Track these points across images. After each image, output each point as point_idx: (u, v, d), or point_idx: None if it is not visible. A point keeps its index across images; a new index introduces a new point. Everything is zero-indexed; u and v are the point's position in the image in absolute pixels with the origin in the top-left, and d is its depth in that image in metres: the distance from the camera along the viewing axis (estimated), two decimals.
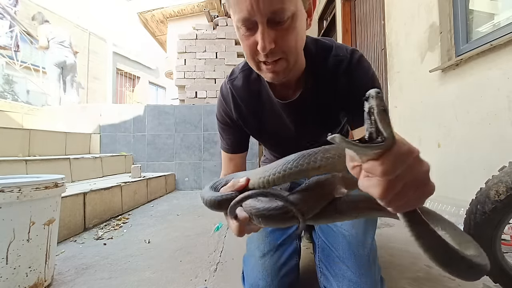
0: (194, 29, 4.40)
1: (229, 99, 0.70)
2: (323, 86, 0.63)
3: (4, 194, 0.79)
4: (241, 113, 0.70)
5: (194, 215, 2.01)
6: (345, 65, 0.62)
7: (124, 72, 9.80)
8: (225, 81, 0.72)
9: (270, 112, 0.69)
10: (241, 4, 0.45)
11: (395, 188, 0.25)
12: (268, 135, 0.75)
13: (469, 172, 1.42)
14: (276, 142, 0.78)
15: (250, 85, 0.68)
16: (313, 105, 0.65)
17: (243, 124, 0.72)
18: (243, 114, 0.71)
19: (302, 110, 0.66)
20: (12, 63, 4.57)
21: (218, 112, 0.75)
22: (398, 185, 0.25)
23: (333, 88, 0.63)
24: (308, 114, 0.67)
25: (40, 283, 0.89)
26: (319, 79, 0.63)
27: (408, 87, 1.94)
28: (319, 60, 0.62)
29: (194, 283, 0.96)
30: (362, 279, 0.55)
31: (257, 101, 0.69)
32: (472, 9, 1.53)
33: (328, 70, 0.62)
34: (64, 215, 1.43)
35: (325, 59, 0.62)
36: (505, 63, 1.21)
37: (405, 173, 0.24)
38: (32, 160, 1.89)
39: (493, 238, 0.70)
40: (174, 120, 3.33)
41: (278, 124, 0.71)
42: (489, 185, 0.68)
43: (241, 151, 0.78)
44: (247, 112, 0.70)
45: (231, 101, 0.70)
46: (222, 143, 0.78)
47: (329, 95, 0.64)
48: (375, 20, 2.59)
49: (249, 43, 0.50)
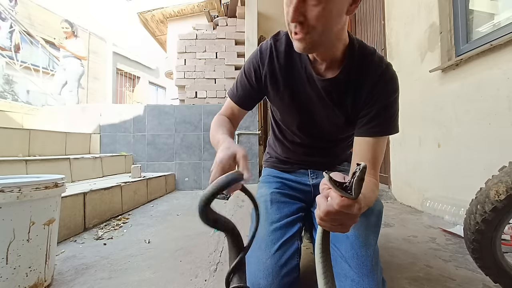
0: (194, 29, 4.40)
1: (266, 54, 0.71)
2: (355, 81, 0.65)
3: (4, 194, 0.79)
4: (273, 72, 0.71)
5: (194, 215, 2.01)
6: (378, 74, 0.64)
7: (124, 72, 9.80)
8: (269, 38, 0.73)
9: (299, 81, 0.70)
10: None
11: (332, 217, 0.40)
12: (288, 103, 0.75)
13: (469, 172, 1.42)
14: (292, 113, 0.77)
15: (290, 49, 0.69)
16: (341, 92, 0.67)
17: (269, 85, 0.73)
18: (274, 74, 0.71)
19: (329, 91, 0.67)
20: (12, 63, 4.57)
21: (248, 63, 0.75)
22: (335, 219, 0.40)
23: (361, 88, 0.65)
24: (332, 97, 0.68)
25: (40, 283, 0.89)
26: (353, 73, 0.65)
27: (408, 87, 1.94)
28: (359, 56, 0.64)
29: (194, 283, 0.96)
30: (365, 280, 0.55)
31: (291, 66, 0.70)
32: (472, 9, 1.53)
33: (363, 70, 0.64)
34: (64, 215, 1.43)
35: (364, 58, 0.64)
36: (505, 63, 1.21)
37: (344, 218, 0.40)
38: (32, 160, 1.89)
39: (493, 238, 0.70)
40: (174, 120, 3.33)
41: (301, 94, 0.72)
42: (489, 185, 0.67)
43: (245, 108, 0.79)
44: (279, 74, 0.71)
45: (267, 57, 0.71)
46: (233, 93, 0.78)
47: (355, 92, 0.66)
48: (375, 20, 2.59)
49: (287, 10, 0.52)
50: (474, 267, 0.88)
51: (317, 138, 0.80)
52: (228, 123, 0.75)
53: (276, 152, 0.93)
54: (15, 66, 4.59)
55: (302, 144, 0.83)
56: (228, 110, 0.79)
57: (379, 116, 0.64)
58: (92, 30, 8.56)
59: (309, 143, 0.82)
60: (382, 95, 0.63)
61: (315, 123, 0.75)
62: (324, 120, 0.74)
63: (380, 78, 0.63)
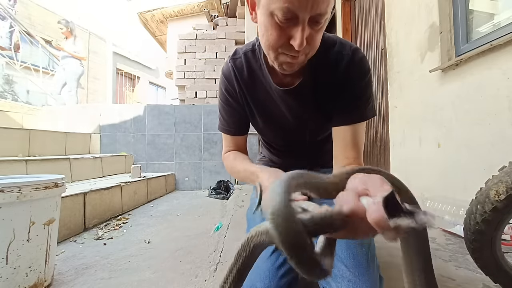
0: (194, 29, 4.40)
1: (232, 77, 0.70)
2: (322, 79, 0.64)
3: (4, 194, 0.79)
4: (241, 91, 0.71)
5: (194, 215, 2.00)
6: (345, 62, 0.62)
7: (124, 72, 9.80)
8: (227, 60, 0.72)
9: (266, 97, 0.70)
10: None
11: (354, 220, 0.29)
12: (262, 121, 0.75)
13: (469, 172, 1.41)
14: (269, 129, 0.78)
15: (251, 67, 0.69)
16: (310, 95, 0.66)
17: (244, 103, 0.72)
18: (242, 93, 0.71)
19: (299, 99, 0.67)
20: (12, 63, 4.57)
21: (220, 91, 0.74)
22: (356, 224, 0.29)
23: (330, 82, 0.64)
24: (305, 103, 0.67)
25: (40, 283, 0.89)
26: (319, 71, 0.64)
27: (408, 87, 1.94)
28: (321, 52, 0.62)
29: (194, 283, 0.96)
30: (361, 279, 0.55)
31: (255, 85, 0.69)
32: (472, 9, 1.53)
33: (328, 64, 0.63)
34: (64, 215, 1.43)
35: (327, 52, 0.63)
36: (505, 63, 1.21)
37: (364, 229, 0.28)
38: (32, 160, 1.89)
39: (493, 238, 0.69)
40: (174, 120, 3.33)
41: (273, 110, 0.71)
42: (489, 185, 0.67)
43: (242, 134, 0.77)
44: (246, 93, 0.71)
45: (234, 79, 0.70)
46: (223, 125, 0.77)
47: (325, 88, 0.65)
48: (375, 20, 2.59)
49: (280, 34, 0.50)
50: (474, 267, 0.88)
51: (301, 144, 0.80)
52: (240, 154, 0.74)
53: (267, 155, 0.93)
54: (15, 66, 4.59)
55: (289, 151, 0.83)
56: (230, 143, 0.77)
57: (354, 102, 0.63)
58: (92, 30, 8.56)
59: (295, 149, 0.82)
60: (355, 82, 0.62)
61: (294, 133, 0.75)
62: (302, 127, 0.73)
63: (348, 65, 0.62)
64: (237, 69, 0.70)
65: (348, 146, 0.63)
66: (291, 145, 0.80)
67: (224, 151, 0.78)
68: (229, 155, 0.75)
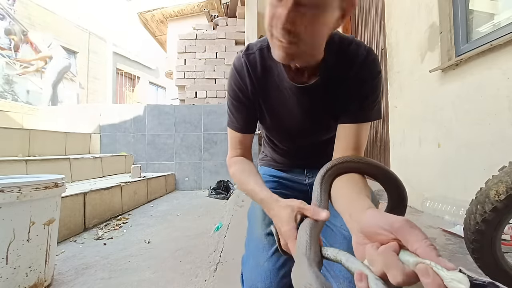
0: (194, 29, 4.40)
1: (244, 72, 0.69)
2: (337, 78, 0.64)
3: (4, 194, 0.79)
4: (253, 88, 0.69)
5: (194, 215, 2.01)
6: (360, 61, 0.62)
7: (124, 72, 9.80)
8: (239, 55, 0.70)
9: (278, 95, 0.69)
10: None
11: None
12: (271, 119, 0.73)
13: (469, 172, 1.41)
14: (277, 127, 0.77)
15: (265, 64, 0.67)
16: (324, 94, 0.66)
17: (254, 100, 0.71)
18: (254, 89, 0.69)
19: (313, 97, 0.66)
20: (12, 63, 4.57)
21: (230, 87, 0.71)
22: None
23: (344, 82, 0.63)
24: (317, 102, 0.67)
25: (40, 283, 0.89)
26: (334, 71, 0.63)
27: (408, 87, 1.94)
28: (337, 52, 0.62)
29: (194, 283, 0.96)
30: None
31: (268, 82, 0.68)
32: (472, 9, 1.53)
33: (344, 64, 0.63)
34: (64, 215, 1.43)
35: (343, 52, 0.63)
36: (505, 63, 1.21)
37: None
38: (32, 160, 1.89)
39: (493, 238, 0.69)
40: (174, 120, 3.33)
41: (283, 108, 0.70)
42: (489, 185, 0.67)
43: (251, 131, 0.75)
44: (258, 89, 0.69)
45: (246, 75, 0.69)
46: (232, 122, 0.74)
47: (339, 88, 0.65)
48: (375, 20, 2.59)
49: (274, 12, 0.49)
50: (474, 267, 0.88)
51: (306, 145, 0.79)
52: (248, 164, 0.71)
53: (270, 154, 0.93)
54: (15, 66, 4.59)
55: (293, 151, 0.83)
56: (237, 143, 0.75)
57: (361, 102, 0.63)
58: (92, 30, 8.56)
59: (300, 149, 0.81)
60: (364, 81, 0.62)
61: (302, 132, 0.74)
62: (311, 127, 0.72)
63: (361, 65, 0.62)
64: (250, 65, 0.68)
65: (349, 145, 0.62)
66: (297, 145, 0.80)
67: (230, 154, 0.76)
68: (236, 163, 0.72)
